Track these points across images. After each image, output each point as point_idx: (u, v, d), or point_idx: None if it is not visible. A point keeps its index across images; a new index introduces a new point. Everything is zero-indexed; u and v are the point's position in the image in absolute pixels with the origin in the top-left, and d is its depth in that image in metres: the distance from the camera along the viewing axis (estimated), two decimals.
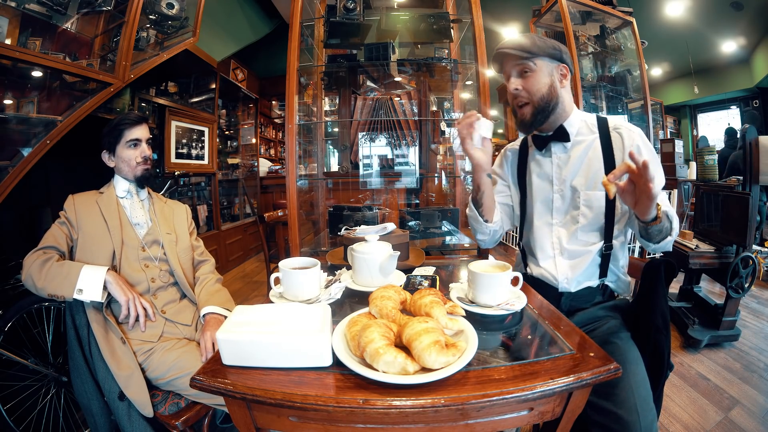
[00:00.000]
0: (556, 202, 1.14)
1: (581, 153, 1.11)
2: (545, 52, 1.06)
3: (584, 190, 1.09)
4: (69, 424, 1.56)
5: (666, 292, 0.99)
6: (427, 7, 2.19)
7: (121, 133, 1.30)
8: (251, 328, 0.68)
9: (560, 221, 1.15)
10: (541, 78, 1.07)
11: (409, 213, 1.89)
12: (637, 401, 0.83)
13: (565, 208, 1.14)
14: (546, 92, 1.07)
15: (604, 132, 1.10)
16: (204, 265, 1.46)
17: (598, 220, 1.09)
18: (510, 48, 1.07)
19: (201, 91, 4.15)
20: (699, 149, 3.29)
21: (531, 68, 1.06)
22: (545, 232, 1.16)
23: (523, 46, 1.06)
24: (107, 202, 1.30)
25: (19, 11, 1.86)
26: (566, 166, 1.13)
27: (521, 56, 1.06)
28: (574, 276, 1.12)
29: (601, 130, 1.10)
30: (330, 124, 2.46)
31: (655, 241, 0.98)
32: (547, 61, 1.07)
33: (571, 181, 1.11)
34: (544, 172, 1.17)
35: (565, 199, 1.13)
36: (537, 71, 1.07)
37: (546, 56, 1.06)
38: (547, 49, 1.06)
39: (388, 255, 0.99)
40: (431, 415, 0.59)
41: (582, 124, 1.13)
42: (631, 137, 1.07)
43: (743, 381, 1.91)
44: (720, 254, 2.24)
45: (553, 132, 1.13)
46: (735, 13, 4.48)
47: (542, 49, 1.06)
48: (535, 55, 1.05)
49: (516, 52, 1.06)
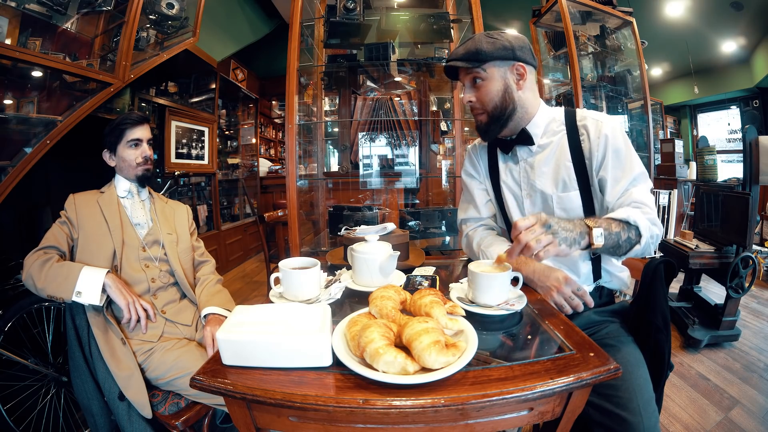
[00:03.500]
0: (527, 207, 1.10)
1: (548, 156, 1.05)
2: (494, 55, 0.98)
3: (557, 193, 1.04)
4: (69, 424, 1.56)
5: (666, 292, 0.98)
6: (427, 7, 2.19)
7: (122, 133, 1.30)
8: (251, 328, 0.68)
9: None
10: (493, 86, 1.00)
11: (409, 213, 1.89)
12: (641, 403, 0.83)
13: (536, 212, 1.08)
14: (499, 100, 1.01)
15: (571, 127, 1.04)
16: (204, 266, 1.46)
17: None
18: (456, 60, 1.01)
19: (201, 91, 4.15)
20: (699, 149, 3.29)
21: (482, 76, 1.00)
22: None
23: (469, 53, 0.99)
24: (108, 201, 1.30)
25: (19, 11, 1.86)
26: (533, 171, 1.07)
27: (467, 67, 1.00)
28: None
29: (569, 125, 1.04)
30: (330, 124, 2.46)
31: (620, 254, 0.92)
32: (498, 66, 0.99)
33: (541, 187, 1.06)
34: (511, 176, 1.13)
35: (535, 205, 1.09)
36: (488, 79, 1.00)
37: (496, 59, 0.99)
38: (496, 51, 0.98)
39: (388, 255, 0.99)
40: (431, 415, 0.59)
41: (549, 122, 1.07)
42: (598, 128, 1.00)
43: (743, 381, 1.91)
44: (720, 254, 2.24)
45: (516, 136, 1.07)
46: (735, 13, 4.48)
47: (490, 54, 0.98)
48: (484, 61, 0.98)
49: (462, 64, 1.00)
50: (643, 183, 1.00)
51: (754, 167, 2.13)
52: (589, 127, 1.01)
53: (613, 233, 0.88)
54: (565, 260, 1.07)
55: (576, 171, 1.02)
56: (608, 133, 0.99)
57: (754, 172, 2.13)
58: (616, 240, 0.88)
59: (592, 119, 1.02)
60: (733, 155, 5.90)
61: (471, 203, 1.26)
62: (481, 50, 0.97)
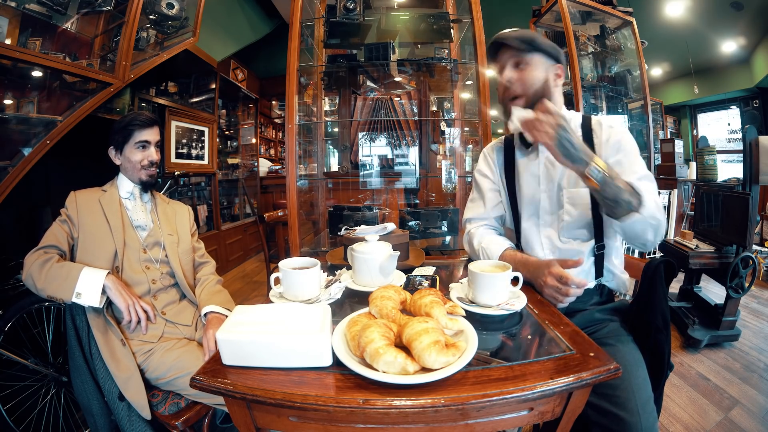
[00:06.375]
0: (543, 203, 1.13)
1: None
2: (545, 49, 1.05)
3: (567, 188, 1.08)
4: (69, 424, 1.56)
5: (666, 291, 0.98)
6: (427, 7, 2.19)
7: (130, 134, 1.28)
8: (251, 328, 0.68)
9: (547, 221, 1.13)
10: (537, 73, 1.05)
11: (409, 213, 1.89)
12: (639, 403, 0.83)
13: (552, 208, 1.12)
14: (539, 87, 1.06)
15: (586, 130, 1.10)
16: (205, 267, 1.45)
17: (584, 217, 1.07)
18: (509, 38, 1.05)
19: (201, 91, 4.15)
20: (699, 149, 3.29)
21: (527, 61, 1.05)
22: (533, 233, 1.15)
23: (523, 38, 1.04)
24: (110, 201, 1.29)
25: (19, 11, 1.86)
26: (554, 165, 1.11)
27: (519, 48, 1.04)
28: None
29: (584, 128, 1.11)
30: (330, 124, 2.46)
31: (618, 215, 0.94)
32: (544, 58, 1.06)
33: (559, 180, 1.10)
34: (530, 171, 1.15)
35: (552, 200, 1.12)
36: (533, 65, 1.05)
37: (544, 53, 1.06)
38: (546, 46, 1.06)
39: (388, 255, 0.99)
40: (431, 415, 0.59)
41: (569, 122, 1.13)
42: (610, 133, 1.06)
43: (743, 381, 1.91)
44: (720, 254, 2.24)
45: None
46: (735, 13, 4.48)
47: (542, 46, 1.05)
48: (534, 50, 1.04)
49: (515, 43, 1.04)
50: (650, 182, 1.01)
51: (754, 167, 2.13)
52: (603, 132, 1.08)
53: (613, 184, 0.90)
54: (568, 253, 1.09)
55: None
56: (619, 138, 1.06)
57: (754, 172, 2.13)
58: (615, 193, 0.90)
59: (606, 125, 1.08)
60: (733, 155, 5.90)
61: (479, 202, 1.27)
62: (535, 39, 1.04)
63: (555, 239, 1.12)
